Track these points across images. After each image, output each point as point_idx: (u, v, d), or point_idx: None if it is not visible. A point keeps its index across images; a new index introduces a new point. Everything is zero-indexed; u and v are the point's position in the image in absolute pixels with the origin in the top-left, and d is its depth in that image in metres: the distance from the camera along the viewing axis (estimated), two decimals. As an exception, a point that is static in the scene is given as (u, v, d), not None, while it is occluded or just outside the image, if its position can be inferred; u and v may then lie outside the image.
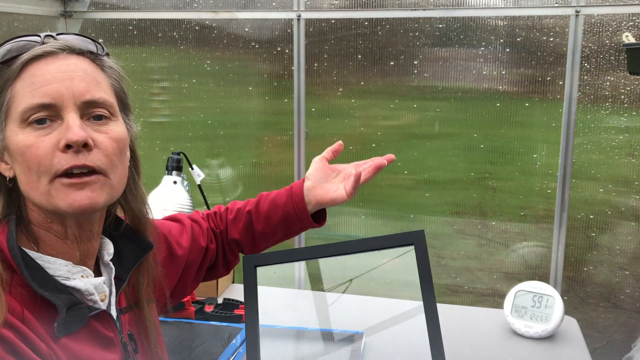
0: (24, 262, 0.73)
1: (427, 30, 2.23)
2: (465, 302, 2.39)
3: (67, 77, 0.74)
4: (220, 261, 1.19)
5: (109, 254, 0.86)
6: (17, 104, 0.74)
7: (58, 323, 0.72)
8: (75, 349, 0.74)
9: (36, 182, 0.73)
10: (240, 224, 1.16)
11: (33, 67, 0.74)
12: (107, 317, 0.81)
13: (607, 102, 2.12)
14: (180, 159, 1.71)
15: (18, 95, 0.74)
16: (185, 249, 1.09)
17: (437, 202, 2.39)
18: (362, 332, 1.50)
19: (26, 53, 0.74)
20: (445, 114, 2.33)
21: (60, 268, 0.77)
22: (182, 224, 1.13)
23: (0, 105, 0.75)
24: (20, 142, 0.73)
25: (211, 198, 1.82)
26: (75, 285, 0.77)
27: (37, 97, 0.73)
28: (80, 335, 0.76)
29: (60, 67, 0.75)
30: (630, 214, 2.19)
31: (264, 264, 0.96)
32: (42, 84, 0.73)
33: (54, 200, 0.73)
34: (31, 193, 0.75)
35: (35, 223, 0.78)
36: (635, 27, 2.03)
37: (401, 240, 0.94)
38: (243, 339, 1.48)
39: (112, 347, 0.81)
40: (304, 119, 2.37)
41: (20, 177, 0.75)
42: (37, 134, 0.73)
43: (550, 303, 1.53)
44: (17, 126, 0.74)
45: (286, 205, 1.14)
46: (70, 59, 0.76)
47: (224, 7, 2.38)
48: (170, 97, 2.56)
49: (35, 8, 2.34)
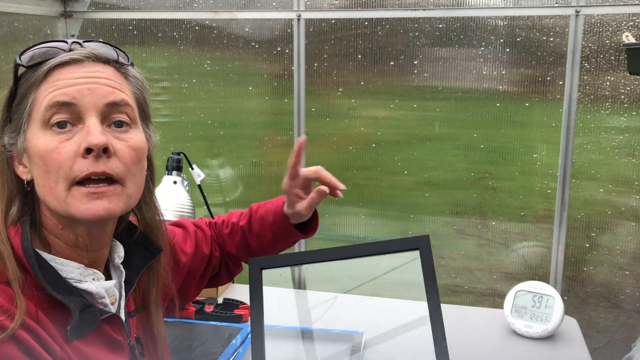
0: (37, 264, 0.73)
1: (427, 30, 2.23)
2: (465, 302, 2.38)
3: (91, 82, 0.75)
4: (223, 269, 1.18)
5: (120, 257, 0.86)
6: (39, 104, 0.74)
7: (71, 326, 0.73)
8: (86, 352, 0.75)
9: (54, 186, 0.73)
10: (236, 238, 1.16)
11: (58, 73, 0.75)
12: (117, 320, 0.81)
13: (607, 102, 2.12)
14: (180, 159, 1.71)
15: (40, 97, 0.74)
16: (188, 255, 1.09)
17: (437, 202, 2.39)
18: (362, 332, 1.50)
19: (53, 59, 0.75)
20: (445, 114, 2.33)
21: (73, 271, 0.77)
22: (186, 230, 1.13)
23: (23, 109, 0.75)
24: (41, 146, 0.73)
25: (211, 198, 1.83)
26: (87, 288, 0.77)
27: (59, 95, 0.73)
28: (90, 338, 0.76)
29: (84, 73, 0.75)
30: (630, 214, 2.19)
31: (270, 266, 0.96)
32: (63, 86, 0.74)
33: (70, 208, 0.74)
34: (47, 197, 0.75)
35: (47, 228, 0.78)
36: (635, 27, 2.03)
37: (406, 245, 0.95)
38: (243, 339, 1.48)
39: (121, 350, 0.81)
40: (304, 119, 2.37)
41: (38, 180, 0.75)
42: (59, 139, 0.73)
43: (550, 303, 1.53)
44: (39, 129, 0.74)
45: (273, 225, 1.12)
46: (96, 66, 0.77)
47: (224, 7, 2.38)
48: (170, 97, 2.56)
49: (35, 8, 2.34)
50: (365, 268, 2.37)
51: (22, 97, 0.76)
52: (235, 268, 1.20)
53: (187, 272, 1.09)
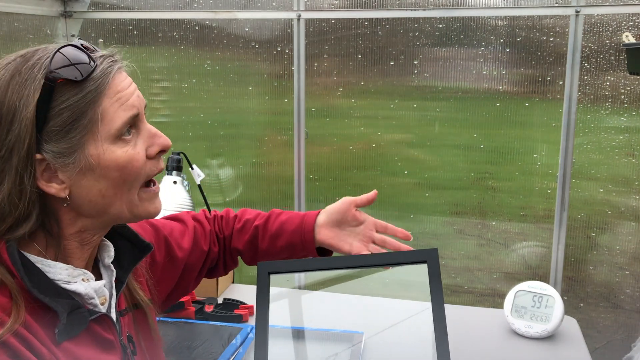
0: (24, 268, 0.72)
1: (427, 30, 2.23)
2: (465, 302, 2.39)
3: (133, 87, 0.78)
4: (220, 264, 1.18)
5: (110, 256, 0.86)
6: (109, 121, 0.73)
7: (59, 329, 0.72)
8: (76, 352, 0.74)
9: (126, 193, 0.77)
10: (246, 236, 1.15)
11: (114, 84, 0.75)
12: (107, 320, 0.81)
13: (607, 102, 2.12)
14: (180, 159, 1.71)
15: (109, 112, 0.73)
16: (185, 250, 1.08)
17: (437, 202, 2.39)
18: (362, 332, 1.50)
19: (111, 69, 0.75)
20: (445, 114, 2.33)
21: (61, 272, 0.76)
22: (184, 224, 1.12)
23: (81, 126, 0.72)
24: (120, 158, 0.75)
25: (211, 198, 1.82)
26: (76, 289, 0.76)
27: (128, 110, 0.75)
28: (81, 338, 0.76)
29: (127, 78, 0.78)
30: (630, 214, 2.19)
31: (278, 271, 0.97)
32: (127, 98, 0.76)
33: (137, 209, 0.79)
34: (114, 205, 0.77)
35: (66, 236, 0.77)
36: (635, 27, 2.03)
37: (414, 257, 0.96)
38: (243, 339, 1.48)
39: (112, 349, 0.81)
40: (304, 119, 2.37)
41: (104, 191, 0.75)
42: (130, 147, 0.76)
43: (550, 303, 1.53)
44: (110, 143, 0.74)
45: (294, 234, 1.12)
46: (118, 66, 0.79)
47: (224, 7, 2.38)
48: (170, 97, 2.56)
49: (35, 8, 2.34)
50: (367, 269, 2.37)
51: (76, 114, 0.71)
52: (232, 264, 1.20)
53: (184, 268, 1.08)
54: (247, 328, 1.53)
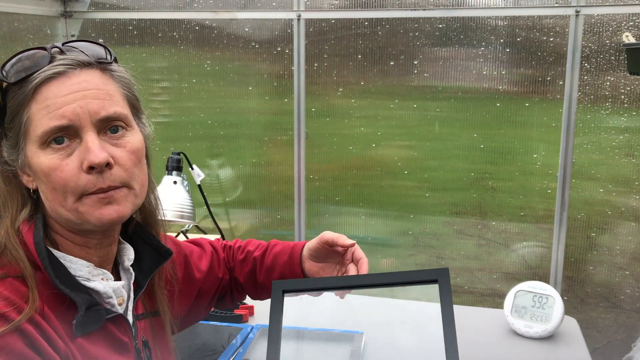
0: (49, 260, 0.74)
1: (427, 30, 2.23)
2: (465, 302, 2.38)
3: (80, 97, 0.74)
4: (228, 295, 1.17)
5: (130, 259, 0.86)
6: (35, 127, 0.74)
7: (77, 321, 0.73)
8: (90, 350, 0.75)
9: (63, 200, 0.74)
10: (247, 268, 1.15)
11: (46, 89, 0.74)
12: (123, 321, 0.81)
13: (607, 102, 2.12)
14: (180, 159, 1.71)
15: (35, 118, 0.73)
16: (203, 273, 1.08)
17: (437, 202, 2.39)
18: (362, 332, 1.50)
19: (37, 76, 0.73)
20: (445, 114, 2.33)
21: (82, 269, 0.77)
22: (202, 248, 1.13)
23: (19, 126, 0.75)
24: (43, 164, 0.73)
25: (211, 198, 1.82)
26: (95, 287, 0.77)
27: (55, 119, 0.73)
28: (95, 336, 0.76)
29: (72, 87, 0.74)
30: (630, 214, 2.19)
31: (292, 290, 0.97)
32: (57, 107, 0.73)
33: (83, 216, 0.75)
34: (58, 210, 0.75)
35: (55, 230, 0.79)
36: (635, 27, 2.03)
37: (425, 277, 0.96)
38: (243, 339, 1.48)
39: (126, 352, 0.81)
40: (304, 119, 2.37)
41: (46, 194, 0.76)
42: (59, 156, 0.73)
43: (550, 303, 1.53)
44: (37, 148, 0.74)
45: (284, 266, 1.12)
46: (81, 75, 0.75)
47: (224, 7, 2.38)
48: (170, 97, 2.56)
49: (35, 8, 2.34)
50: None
51: (13, 114, 0.75)
52: (238, 296, 1.19)
53: (198, 292, 1.08)
54: (247, 328, 1.53)
